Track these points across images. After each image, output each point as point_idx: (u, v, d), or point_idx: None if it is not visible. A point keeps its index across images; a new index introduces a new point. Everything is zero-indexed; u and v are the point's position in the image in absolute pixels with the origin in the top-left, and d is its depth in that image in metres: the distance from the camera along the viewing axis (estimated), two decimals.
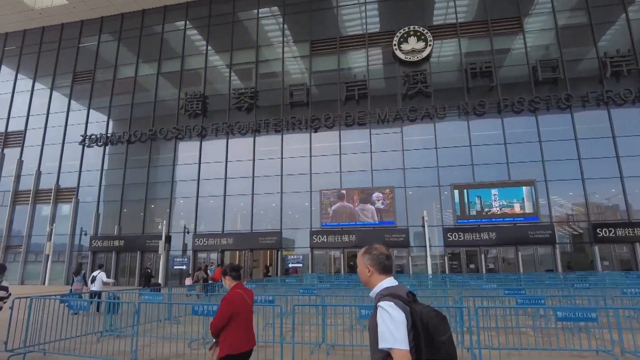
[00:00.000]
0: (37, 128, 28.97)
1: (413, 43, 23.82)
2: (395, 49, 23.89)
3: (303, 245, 22.86)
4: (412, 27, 23.99)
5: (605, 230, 19.71)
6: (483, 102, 22.31)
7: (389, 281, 2.03)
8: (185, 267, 23.72)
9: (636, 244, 19.56)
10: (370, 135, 23.32)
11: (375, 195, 21.99)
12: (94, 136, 27.26)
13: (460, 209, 21.21)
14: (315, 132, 24.12)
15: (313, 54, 25.45)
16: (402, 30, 24.03)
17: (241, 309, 3.65)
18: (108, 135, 27.13)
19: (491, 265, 21.02)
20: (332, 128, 23.86)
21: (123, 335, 8.16)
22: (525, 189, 20.68)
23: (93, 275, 11.86)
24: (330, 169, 23.35)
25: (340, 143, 23.59)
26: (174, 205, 25.29)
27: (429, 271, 20.22)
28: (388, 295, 1.89)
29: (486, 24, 23.76)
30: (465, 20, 24.29)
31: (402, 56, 23.76)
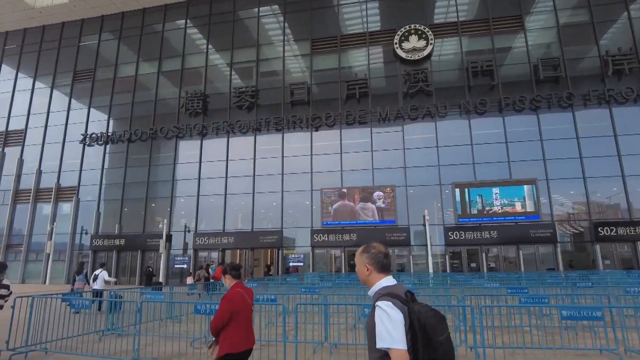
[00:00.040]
0: (38, 127, 28.95)
1: (414, 41, 23.77)
2: (396, 48, 23.84)
3: (304, 244, 22.85)
4: (413, 26, 23.94)
5: (606, 229, 19.68)
6: (484, 101, 22.27)
7: (388, 280, 2.02)
8: (186, 266, 23.72)
9: (637, 242, 19.54)
10: (371, 134, 23.28)
11: (377, 194, 21.96)
12: (94, 135, 27.24)
13: (461, 207, 21.18)
14: (316, 131, 24.09)
15: (314, 53, 25.40)
16: (403, 28, 23.98)
17: (241, 308, 3.63)
18: (109, 134, 27.11)
19: (492, 264, 21.00)
20: (333, 127, 23.82)
21: (124, 334, 8.15)
22: (527, 187, 20.65)
23: (95, 274, 11.86)
24: (331, 167, 23.32)
25: (341, 142, 23.56)
26: (174, 204, 25.27)
27: (430, 270, 20.22)
28: (386, 294, 1.88)
29: (487, 23, 23.71)
30: (466, 19, 24.23)
31: (403, 55, 23.71)
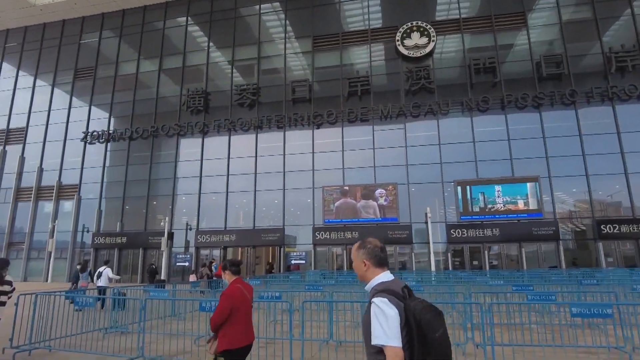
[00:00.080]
0: (39, 125, 28.90)
1: (416, 39, 23.67)
2: (398, 45, 23.75)
3: (305, 242, 22.82)
4: (415, 23, 23.84)
5: (609, 227, 19.62)
6: (486, 98, 22.19)
7: (385, 275, 2.00)
8: (188, 264, 23.71)
9: None
10: (373, 131, 23.22)
11: (378, 191, 21.91)
12: (95, 133, 27.20)
13: (463, 205, 21.13)
14: (318, 129, 24.02)
15: (315, 50, 25.32)
16: (405, 25, 23.88)
17: (240, 304, 3.62)
18: (110, 132, 27.07)
19: (495, 262, 20.96)
20: (335, 124, 23.75)
21: (128, 331, 8.13)
22: (530, 185, 20.58)
23: (99, 271, 11.85)
24: (333, 165, 23.26)
25: (342, 139, 23.49)
26: (176, 202, 25.24)
27: (432, 268, 20.19)
28: (382, 290, 1.87)
29: (490, 19, 23.59)
30: (468, 16, 24.11)
31: (405, 52, 23.62)
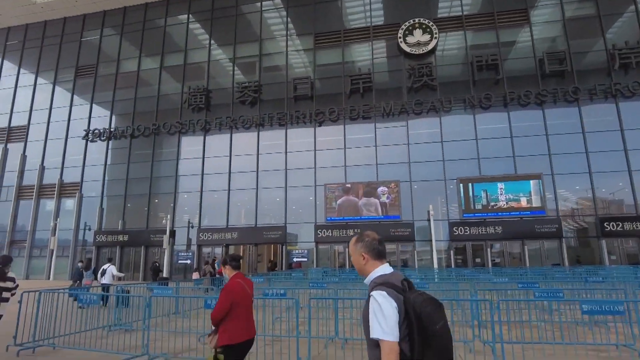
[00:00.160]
0: (40, 123, 28.87)
1: (418, 36, 23.57)
2: (401, 42, 23.65)
3: (307, 240, 22.78)
4: (417, 20, 23.73)
5: (612, 224, 19.57)
6: (489, 95, 22.10)
7: (384, 268, 2.00)
8: (190, 262, 23.70)
9: None
10: (375, 128, 23.15)
11: (381, 189, 21.86)
12: (97, 131, 27.16)
13: (465, 203, 21.07)
14: (320, 126, 23.96)
15: (317, 47, 25.23)
16: (407, 22, 23.78)
17: (241, 299, 3.61)
18: (111, 129, 27.03)
19: (497, 260, 20.91)
20: (337, 122, 23.68)
21: (131, 329, 8.10)
22: (533, 182, 20.51)
23: (103, 269, 11.84)
24: (335, 163, 23.21)
25: (344, 137, 23.43)
26: (177, 200, 25.21)
27: (434, 265, 20.15)
28: (381, 283, 1.86)
29: (492, 16, 23.49)
30: (470, 13, 24.01)
31: (408, 49, 23.52)
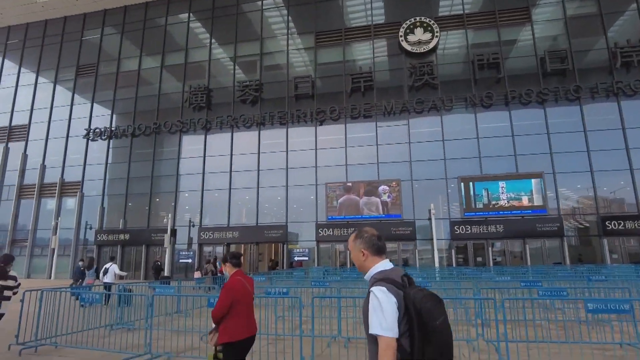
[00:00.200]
0: (41, 122, 28.86)
1: (419, 34, 23.53)
2: (402, 41, 23.61)
3: (309, 239, 22.77)
4: (418, 18, 23.68)
5: (614, 223, 19.53)
6: (490, 94, 22.06)
7: (384, 264, 2.00)
8: (191, 261, 23.72)
9: None
10: (376, 127, 23.12)
11: (382, 188, 21.84)
12: (98, 130, 27.15)
13: (466, 201, 21.05)
14: (321, 125, 23.93)
15: (318, 46, 25.19)
16: (409, 21, 23.73)
17: (241, 296, 3.61)
18: (112, 128, 27.02)
19: (498, 259, 20.89)
20: (338, 121, 23.65)
21: (134, 328, 8.09)
22: (534, 181, 20.49)
23: (105, 268, 11.84)
24: (336, 162, 23.18)
25: (346, 136, 23.40)
26: (179, 199, 25.21)
27: (436, 264, 20.14)
28: (381, 279, 1.86)
29: (493, 15, 23.43)
30: (471, 11, 23.95)
31: (409, 47, 23.48)
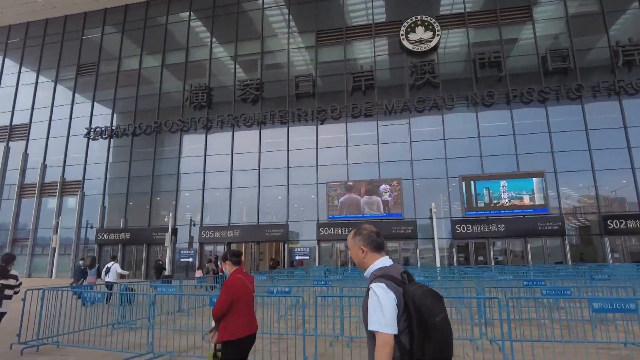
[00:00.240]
0: (42, 121, 28.84)
1: (420, 33, 23.48)
2: (403, 39, 23.56)
3: (309, 238, 22.76)
4: (420, 17, 23.64)
5: (616, 222, 19.49)
6: (492, 93, 22.02)
7: (383, 260, 2.00)
8: (192, 260, 23.71)
9: None
10: (377, 126, 23.08)
11: (383, 187, 21.82)
12: (98, 129, 27.13)
13: (468, 200, 21.02)
14: (322, 124, 23.90)
15: (319, 45, 25.14)
16: (410, 20, 23.68)
17: (241, 294, 3.61)
18: (113, 127, 27.00)
19: (500, 258, 20.87)
20: (339, 119, 23.62)
21: (135, 327, 8.08)
22: (535, 180, 20.45)
23: (107, 267, 11.84)
24: (337, 161, 23.16)
25: (347, 135, 23.36)
26: (179, 198, 25.19)
27: (437, 263, 20.11)
28: (381, 276, 1.86)
29: (495, 13, 23.38)
30: (473, 10, 23.90)
31: (410, 46, 23.43)
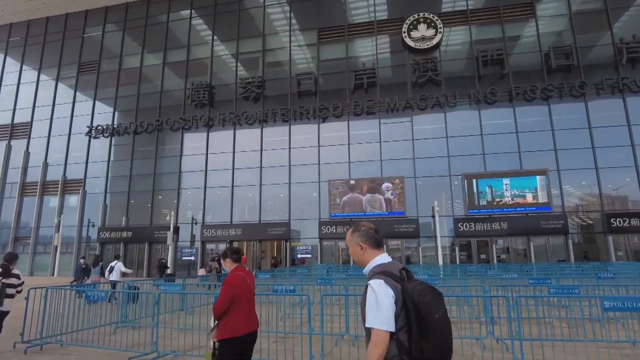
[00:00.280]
0: (43, 119, 28.82)
1: (423, 30, 23.37)
2: (405, 37, 23.46)
3: (311, 236, 22.72)
4: (422, 14, 23.52)
5: (619, 220, 19.41)
6: (494, 91, 21.92)
7: (382, 257, 1.99)
8: (194, 258, 23.68)
9: None
10: (379, 124, 23.01)
11: (385, 185, 21.75)
12: (100, 127, 27.10)
13: (470, 198, 20.95)
14: (324, 122, 23.83)
15: (321, 42, 25.05)
16: (412, 17, 23.57)
17: (242, 292, 3.61)
18: (114, 126, 26.97)
19: (502, 256, 20.81)
20: (341, 118, 23.55)
21: (139, 326, 8.04)
22: (538, 178, 20.37)
23: (111, 266, 11.83)
24: (339, 159, 23.09)
25: (349, 133, 23.30)
26: (181, 196, 25.17)
27: (439, 262, 20.05)
28: (379, 272, 1.86)
29: (497, 10, 23.26)
30: (475, 7, 23.78)
31: (412, 44, 23.33)
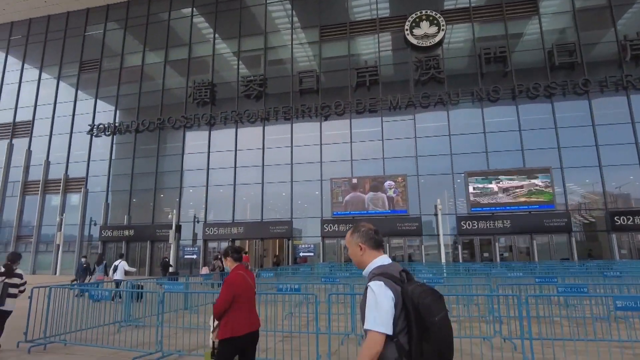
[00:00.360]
0: (45, 118, 28.81)
1: (425, 28, 23.26)
2: (407, 34, 23.35)
3: (313, 235, 22.68)
4: (424, 12, 23.41)
5: (623, 218, 19.32)
6: (497, 88, 21.82)
7: (382, 259, 1.98)
8: (196, 257, 23.66)
9: None
10: (381, 122, 22.93)
11: (387, 183, 21.69)
12: (101, 125, 27.07)
13: (472, 196, 20.84)
14: (326, 120, 23.76)
15: (322, 40, 24.96)
16: (414, 14, 23.45)
17: (242, 291, 3.58)
18: (116, 124, 26.93)
19: (505, 254, 20.75)
20: (343, 115, 23.47)
21: (143, 325, 8.01)
22: (541, 176, 20.28)
23: (115, 265, 11.80)
24: (341, 157, 23.03)
25: (351, 131, 23.23)
26: (183, 195, 25.14)
27: (442, 260, 20.01)
28: (379, 274, 1.84)
29: (500, 8, 23.13)
30: (478, 4, 23.65)
31: (414, 41, 23.22)
